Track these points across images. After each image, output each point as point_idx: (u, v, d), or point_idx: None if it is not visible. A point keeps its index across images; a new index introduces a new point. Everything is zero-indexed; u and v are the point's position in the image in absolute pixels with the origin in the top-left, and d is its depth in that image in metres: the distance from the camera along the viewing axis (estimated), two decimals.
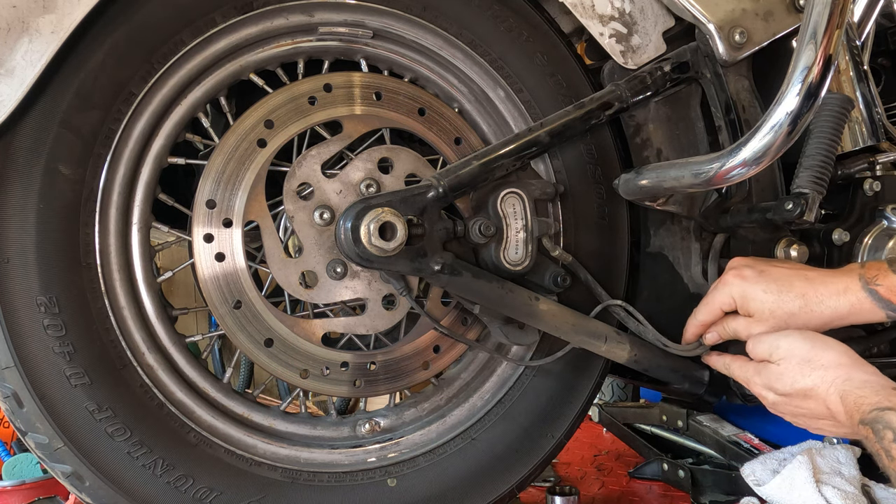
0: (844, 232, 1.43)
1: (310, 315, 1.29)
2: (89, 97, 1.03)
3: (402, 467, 1.25)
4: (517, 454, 1.31)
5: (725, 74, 1.34)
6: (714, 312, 1.22)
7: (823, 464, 1.26)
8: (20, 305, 1.00)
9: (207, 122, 1.19)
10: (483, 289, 1.18)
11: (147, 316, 1.13)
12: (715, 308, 1.21)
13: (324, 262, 1.18)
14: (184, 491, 1.09)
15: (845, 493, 1.18)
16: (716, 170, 1.14)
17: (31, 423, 1.02)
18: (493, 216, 1.22)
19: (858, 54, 1.48)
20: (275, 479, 1.16)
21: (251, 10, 1.15)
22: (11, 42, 0.93)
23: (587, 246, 1.34)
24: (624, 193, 1.33)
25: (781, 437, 1.54)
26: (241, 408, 1.20)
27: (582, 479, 1.78)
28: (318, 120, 1.21)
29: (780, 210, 1.26)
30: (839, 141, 1.27)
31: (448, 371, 1.36)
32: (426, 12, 1.25)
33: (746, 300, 1.15)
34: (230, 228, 1.15)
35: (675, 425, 1.77)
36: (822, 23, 1.04)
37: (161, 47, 1.09)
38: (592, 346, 1.26)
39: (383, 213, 1.10)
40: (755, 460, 1.35)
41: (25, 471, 1.88)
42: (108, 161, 1.07)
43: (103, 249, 1.08)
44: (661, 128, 1.37)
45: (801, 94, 1.04)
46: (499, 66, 1.30)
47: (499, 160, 1.21)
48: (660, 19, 1.33)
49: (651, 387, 1.82)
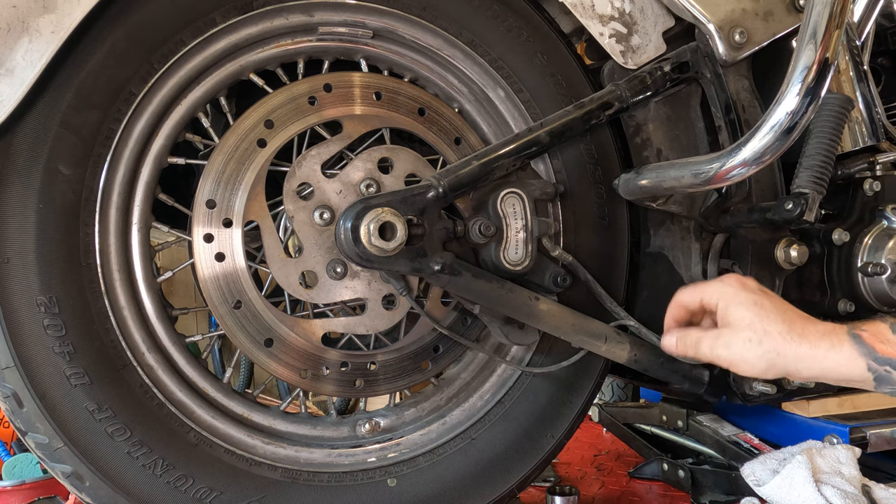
0: (844, 232, 1.43)
1: (310, 315, 1.29)
2: (89, 97, 1.03)
3: (402, 467, 1.25)
4: (517, 454, 1.31)
5: (725, 74, 1.34)
6: (694, 299, 1.13)
7: (823, 464, 1.26)
8: (20, 305, 1.00)
9: (207, 122, 1.19)
10: (483, 289, 1.18)
11: (147, 316, 1.13)
12: (696, 297, 1.13)
13: (324, 262, 1.18)
14: (184, 491, 1.09)
15: (845, 493, 1.18)
16: (716, 170, 1.14)
17: (31, 423, 1.02)
18: (493, 216, 1.22)
19: (858, 54, 1.48)
20: (275, 479, 1.16)
21: (251, 10, 1.15)
22: (11, 42, 0.93)
23: (587, 246, 1.34)
24: (624, 193, 1.33)
25: (781, 437, 1.54)
26: (241, 408, 1.20)
27: (582, 479, 1.78)
28: (318, 120, 1.21)
29: (780, 210, 1.26)
30: (839, 141, 1.27)
31: (448, 371, 1.36)
32: (426, 12, 1.25)
33: (731, 304, 1.07)
34: (230, 228, 1.15)
35: (675, 425, 1.77)
36: (822, 23, 1.04)
37: (161, 47, 1.09)
38: (592, 346, 1.26)
39: (383, 213, 1.10)
40: (755, 460, 1.34)
41: (25, 471, 1.88)
42: (108, 161, 1.07)
43: (103, 249, 1.08)
44: (661, 128, 1.37)
45: (800, 93, 1.05)
46: (499, 66, 1.30)
47: (499, 160, 1.21)
48: (660, 19, 1.33)
49: (651, 387, 1.82)
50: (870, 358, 0.99)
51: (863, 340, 1.00)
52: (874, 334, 1.00)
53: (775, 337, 1.03)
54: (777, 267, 1.39)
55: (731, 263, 1.38)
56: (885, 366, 0.99)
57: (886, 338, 0.99)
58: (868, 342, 1.00)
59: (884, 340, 0.99)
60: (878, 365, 0.99)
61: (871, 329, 1.01)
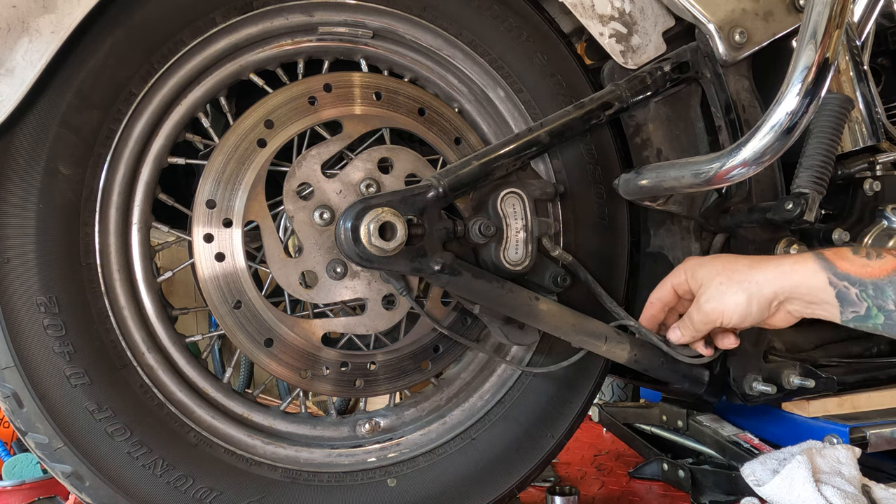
0: (844, 232, 1.43)
1: (310, 315, 1.29)
2: (89, 97, 1.03)
3: (402, 467, 1.25)
4: (517, 454, 1.31)
5: (725, 74, 1.34)
6: (665, 289, 1.23)
7: (823, 464, 1.26)
8: (20, 305, 1.00)
9: (207, 122, 1.19)
10: (483, 289, 1.18)
11: (147, 316, 1.13)
12: (667, 286, 1.22)
13: (324, 262, 1.18)
14: (184, 491, 1.09)
15: (845, 493, 1.18)
16: (716, 170, 1.14)
17: (31, 423, 1.02)
18: (493, 216, 1.22)
19: (858, 54, 1.48)
20: (275, 479, 1.16)
21: (251, 9, 1.15)
22: (11, 42, 0.93)
23: (587, 246, 1.34)
24: (624, 193, 1.33)
25: (781, 437, 1.54)
26: (241, 408, 1.20)
27: (582, 479, 1.78)
28: (318, 120, 1.21)
29: (781, 210, 1.26)
30: (839, 141, 1.27)
31: (448, 371, 1.36)
32: (426, 12, 1.25)
33: (696, 269, 1.17)
34: (230, 228, 1.15)
35: (675, 425, 1.76)
36: (822, 23, 1.04)
37: (161, 47, 1.09)
38: (592, 346, 1.26)
39: (383, 213, 1.10)
40: (755, 460, 1.34)
41: (25, 471, 1.88)
42: (108, 161, 1.07)
43: (103, 249, 1.08)
44: (661, 128, 1.37)
45: (800, 94, 1.05)
46: (499, 66, 1.30)
47: (499, 160, 1.21)
48: (660, 19, 1.33)
49: (651, 387, 1.82)
50: (830, 272, 1.06)
51: (825, 257, 1.07)
52: (836, 253, 1.08)
53: (742, 270, 1.12)
54: None
55: None
56: (843, 281, 1.05)
57: (846, 256, 1.06)
58: (829, 259, 1.07)
59: (844, 258, 1.06)
60: (838, 280, 1.05)
61: (833, 250, 1.09)
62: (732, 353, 1.35)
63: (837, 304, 1.06)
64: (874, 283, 1.03)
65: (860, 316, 1.05)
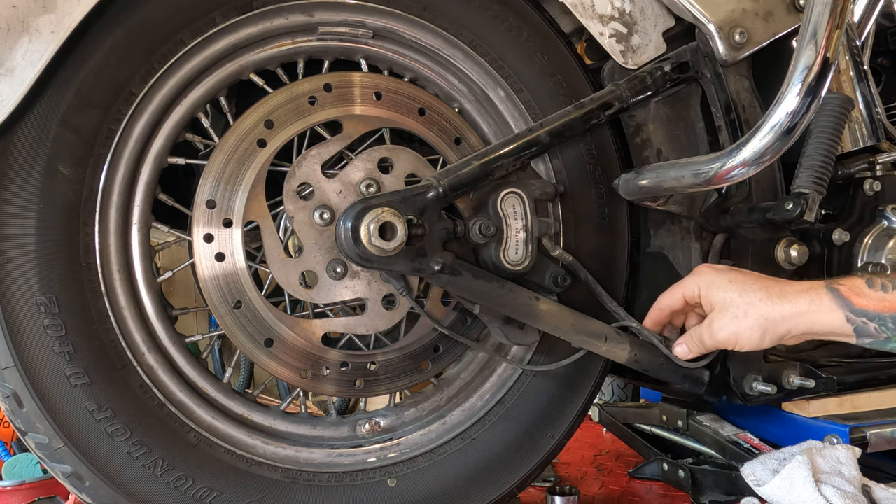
0: (844, 232, 1.43)
1: (310, 315, 1.29)
2: (89, 97, 1.03)
3: (402, 467, 1.25)
4: (517, 454, 1.31)
5: (725, 74, 1.34)
6: (675, 298, 1.22)
7: (823, 464, 1.26)
8: (20, 305, 1.00)
9: (207, 122, 1.19)
10: (483, 289, 1.18)
11: (147, 316, 1.13)
12: (677, 294, 1.22)
13: (324, 262, 1.18)
14: (184, 491, 1.09)
15: (845, 493, 1.18)
16: (716, 170, 1.14)
17: (31, 423, 1.02)
18: (493, 216, 1.22)
19: (858, 54, 1.48)
20: (275, 479, 1.16)
21: (251, 9, 1.15)
22: (11, 42, 0.93)
23: (587, 246, 1.34)
24: (624, 193, 1.33)
25: (781, 437, 1.54)
26: (241, 408, 1.20)
27: (582, 479, 1.78)
28: (319, 120, 1.21)
29: (781, 210, 1.26)
30: (839, 141, 1.27)
31: (448, 371, 1.36)
32: (426, 12, 1.25)
33: (711, 289, 1.16)
34: (230, 228, 1.15)
35: (675, 425, 1.76)
36: (822, 23, 1.04)
37: (161, 47, 1.09)
38: (592, 346, 1.26)
39: (383, 213, 1.10)
40: (755, 460, 1.34)
41: (25, 471, 1.88)
42: (108, 161, 1.07)
43: (103, 249, 1.08)
44: (661, 128, 1.37)
45: (801, 94, 1.05)
46: (499, 66, 1.30)
47: (499, 160, 1.21)
48: (660, 19, 1.33)
49: (651, 387, 1.82)
50: (847, 310, 1.07)
51: (840, 294, 1.07)
52: (851, 288, 1.08)
53: (758, 305, 1.11)
54: (777, 267, 1.39)
55: (732, 264, 1.38)
56: (861, 318, 1.06)
57: (862, 292, 1.07)
58: (845, 296, 1.07)
59: (859, 294, 1.07)
60: (856, 317, 1.06)
61: (847, 284, 1.08)
62: (733, 353, 1.36)
63: (855, 336, 1.08)
64: (893, 318, 1.05)
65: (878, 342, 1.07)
